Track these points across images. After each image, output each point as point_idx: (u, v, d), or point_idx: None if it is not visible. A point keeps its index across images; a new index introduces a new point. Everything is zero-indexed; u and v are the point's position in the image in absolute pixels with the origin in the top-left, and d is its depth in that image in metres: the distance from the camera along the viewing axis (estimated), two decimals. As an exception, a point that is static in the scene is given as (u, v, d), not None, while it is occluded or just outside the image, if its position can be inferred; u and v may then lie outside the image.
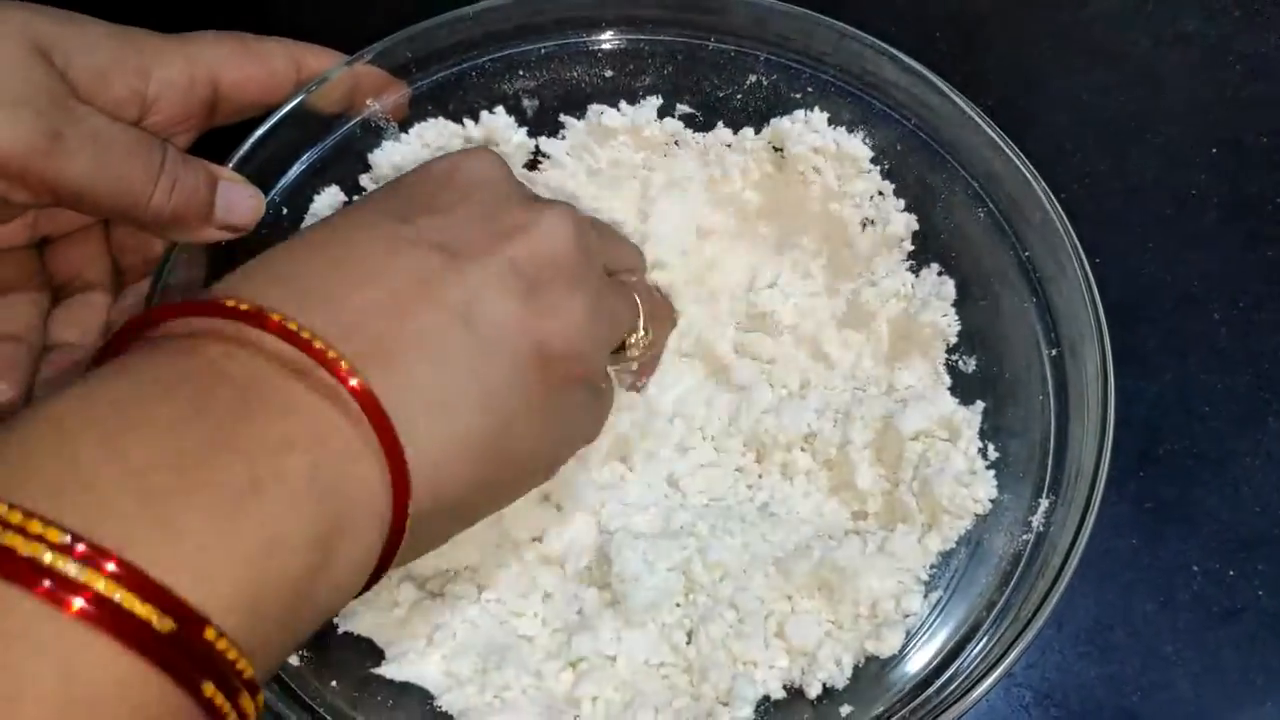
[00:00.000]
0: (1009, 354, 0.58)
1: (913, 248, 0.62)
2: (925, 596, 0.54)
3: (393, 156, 0.62)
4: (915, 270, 0.62)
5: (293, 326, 0.36)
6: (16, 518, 0.29)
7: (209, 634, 0.31)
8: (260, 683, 0.33)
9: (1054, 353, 0.55)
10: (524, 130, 0.64)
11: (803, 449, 0.60)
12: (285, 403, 0.36)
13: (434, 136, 0.63)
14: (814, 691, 0.53)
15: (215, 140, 0.58)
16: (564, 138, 0.65)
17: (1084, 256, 0.54)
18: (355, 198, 0.62)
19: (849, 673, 0.53)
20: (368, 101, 0.61)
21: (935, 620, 0.53)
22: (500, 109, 0.63)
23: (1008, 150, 0.57)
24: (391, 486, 0.37)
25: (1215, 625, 0.61)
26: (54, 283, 0.59)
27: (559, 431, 0.47)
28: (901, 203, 0.61)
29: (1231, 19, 0.77)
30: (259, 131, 0.58)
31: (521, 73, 0.64)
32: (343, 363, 0.36)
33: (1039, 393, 0.55)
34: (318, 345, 0.36)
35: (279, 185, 0.60)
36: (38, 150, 0.47)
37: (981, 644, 0.50)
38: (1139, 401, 0.66)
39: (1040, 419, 0.55)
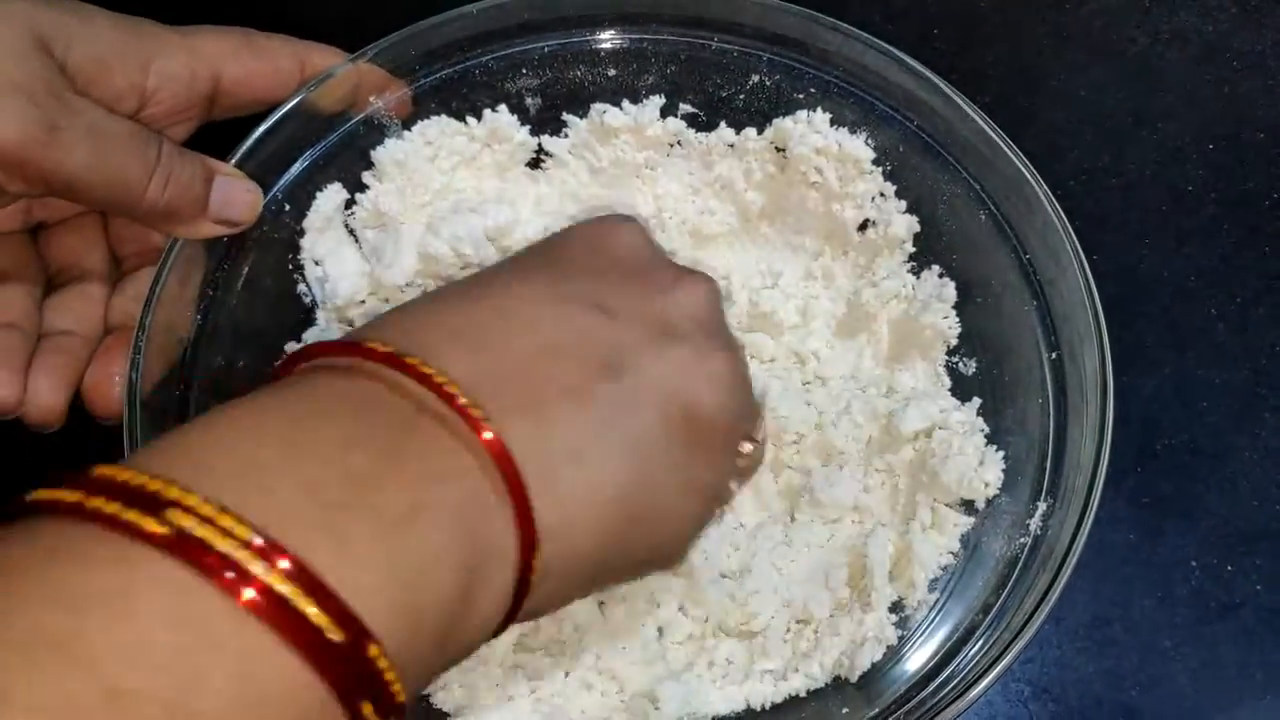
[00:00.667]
0: (1009, 357, 0.57)
1: (914, 249, 0.61)
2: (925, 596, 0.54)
3: (395, 154, 0.61)
4: (916, 272, 0.61)
5: (428, 371, 0.36)
6: (209, 509, 0.29)
7: (373, 651, 0.30)
8: (406, 709, 0.32)
9: (1054, 356, 0.54)
10: (526, 128, 0.63)
11: (798, 449, 0.59)
12: (436, 440, 0.36)
13: (436, 134, 0.62)
14: (813, 688, 0.53)
15: (218, 135, 0.57)
16: (566, 136, 0.64)
17: (1085, 260, 0.53)
18: (359, 195, 0.61)
19: (846, 673, 0.52)
20: (371, 99, 0.61)
21: (933, 621, 0.53)
22: (503, 107, 0.63)
23: (1009, 153, 0.56)
24: (518, 537, 0.37)
25: (1213, 620, 0.60)
26: (49, 270, 0.58)
27: (696, 502, 0.45)
28: (903, 204, 0.60)
29: (1229, 16, 0.76)
30: (262, 127, 0.57)
31: (525, 71, 0.63)
32: (474, 411, 0.36)
33: (1038, 395, 0.54)
34: (452, 392, 0.36)
35: (281, 181, 0.59)
36: (34, 141, 0.47)
37: (978, 646, 0.50)
38: (1136, 397, 0.65)
39: (1039, 422, 0.54)
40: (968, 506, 0.55)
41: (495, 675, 0.53)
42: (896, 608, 0.54)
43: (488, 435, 0.36)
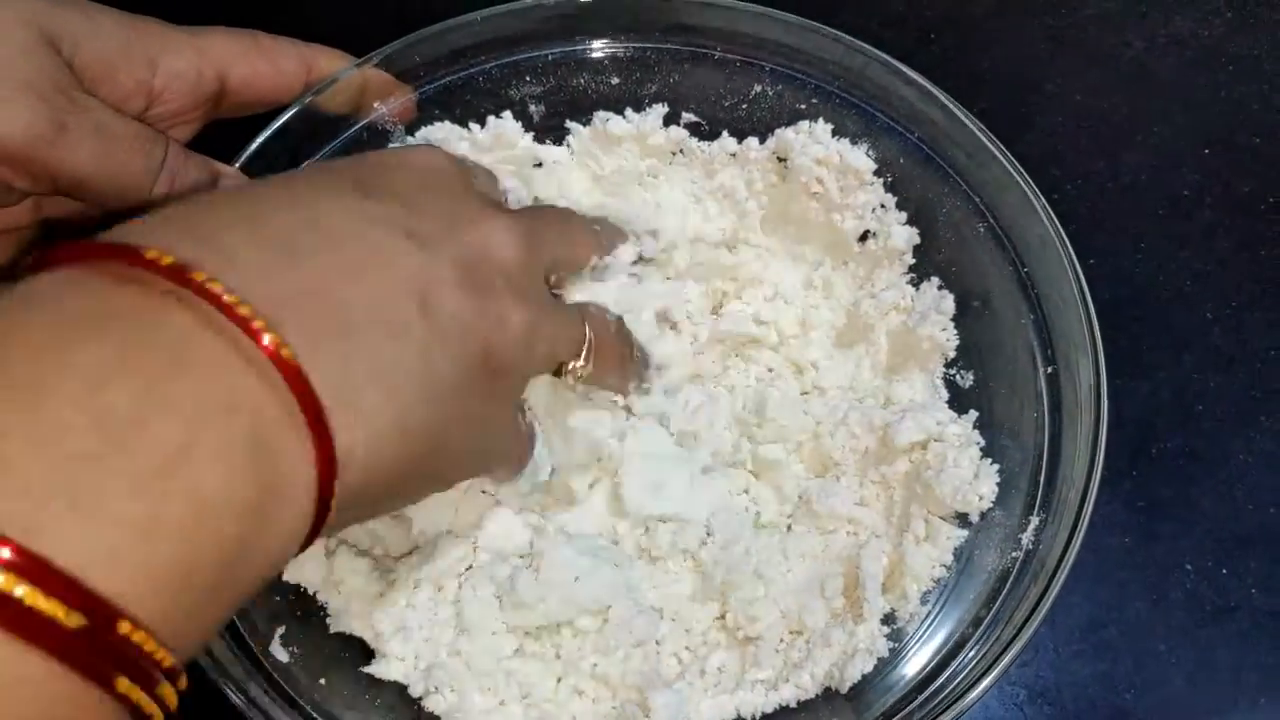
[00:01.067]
0: (1005, 370, 0.56)
1: (913, 261, 0.60)
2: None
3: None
4: (915, 284, 0.60)
5: (215, 288, 0.32)
6: None
7: (123, 627, 0.28)
8: (183, 663, 0.30)
9: (1050, 370, 0.54)
10: (530, 135, 0.63)
11: (799, 459, 0.59)
12: (222, 363, 0.32)
13: (440, 140, 0.61)
14: (804, 699, 0.53)
15: (223, 136, 0.57)
16: (569, 144, 0.63)
17: (1082, 275, 0.53)
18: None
19: (837, 684, 0.52)
20: (375, 104, 0.60)
21: (924, 633, 0.52)
22: (507, 114, 0.62)
23: (1008, 165, 0.56)
24: (317, 468, 0.34)
25: (1208, 623, 0.60)
26: None
27: (485, 441, 0.45)
28: (903, 215, 0.60)
29: (1224, 21, 0.75)
30: (266, 131, 0.57)
31: (528, 78, 0.62)
32: (267, 335, 0.33)
33: (1033, 409, 0.54)
34: (242, 312, 0.32)
35: (285, 186, 0.58)
36: (42, 139, 0.46)
37: (968, 659, 0.49)
38: (1132, 401, 0.65)
39: (1033, 436, 0.54)
40: (961, 519, 0.54)
41: (487, 680, 0.53)
42: (889, 619, 0.53)
43: (284, 353, 0.33)
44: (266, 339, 0.33)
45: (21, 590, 0.26)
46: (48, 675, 0.27)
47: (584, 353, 0.50)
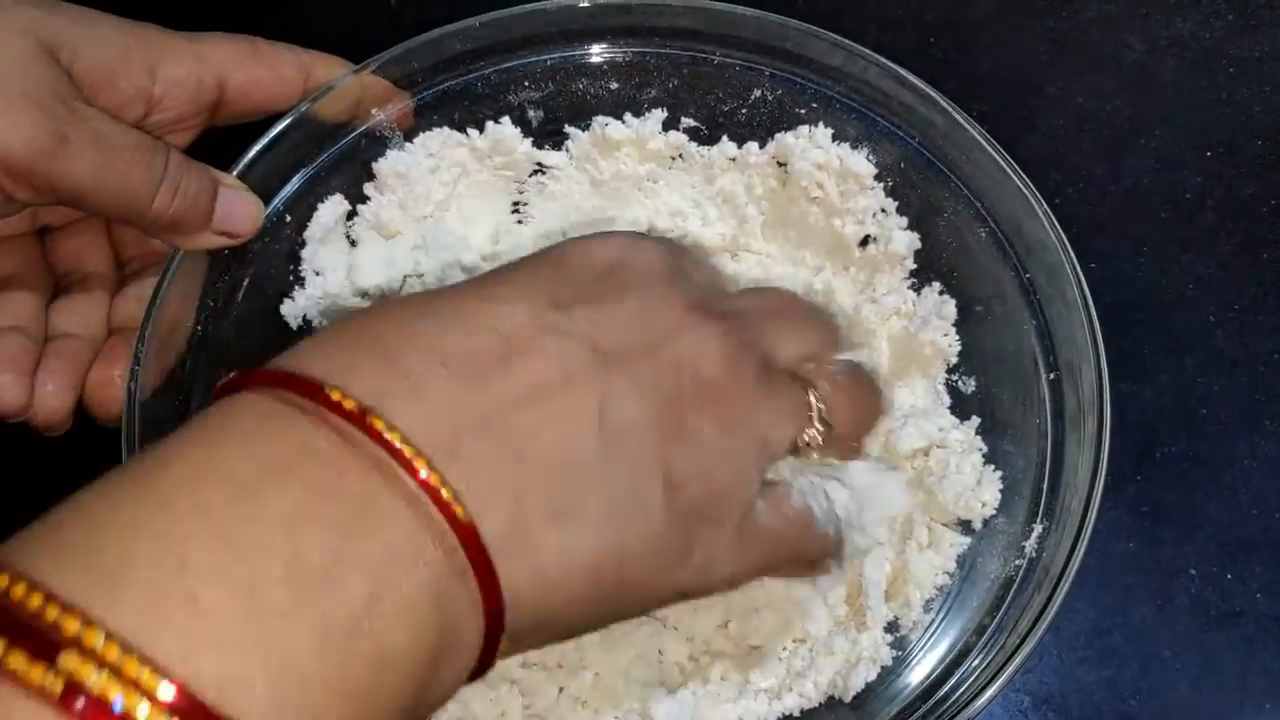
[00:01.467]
0: (1008, 376, 0.56)
1: (914, 266, 0.60)
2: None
3: (397, 165, 0.60)
4: (917, 289, 0.59)
5: (394, 439, 0.32)
6: (113, 653, 0.25)
7: None
8: None
9: (1052, 376, 0.53)
10: (529, 141, 0.62)
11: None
12: (397, 514, 0.31)
13: (439, 146, 0.61)
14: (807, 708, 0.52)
15: (220, 142, 0.56)
16: (568, 149, 0.63)
17: (1084, 281, 0.52)
18: (361, 206, 0.60)
19: (840, 693, 0.52)
20: (373, 110, 0.60)
21: (927, 642, 0.52)
22: (506, 119, 0.61)
23: (1009, 170, 0.55)
24: (484, 614, 0.33)
25: (1213, 628, 0.59)
26: (55, 272, 0.57)
27: (689, 567, 0.39)
28: (904, 220, 0.59)
29: (1225, 23, 0.74)
30: (264, 138, 0.57)
31: (527, 84, 0.62)
32: (445, 490, 0.32)
33: (1036, 416, 0.53)
34: (419, 466, 0.32)
35: (283, 192, 0.58)
36: (42, 151, 0.46)
37: (972, 667, 0.49)
38: (1135, 405, 0.64)
39: (1036, 443, 0.53)
40: (964, 526, 0.54)
41: (489, 690, 0.52)
42: (892, 627, 0.53)
43: (458, 511, 0.32)
44: (443, 493, 0.32)
45: None
46: None
47: (815, 421, 0.43)
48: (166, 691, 0.25)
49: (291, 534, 0.29)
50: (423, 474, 0.31)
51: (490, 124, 0.61)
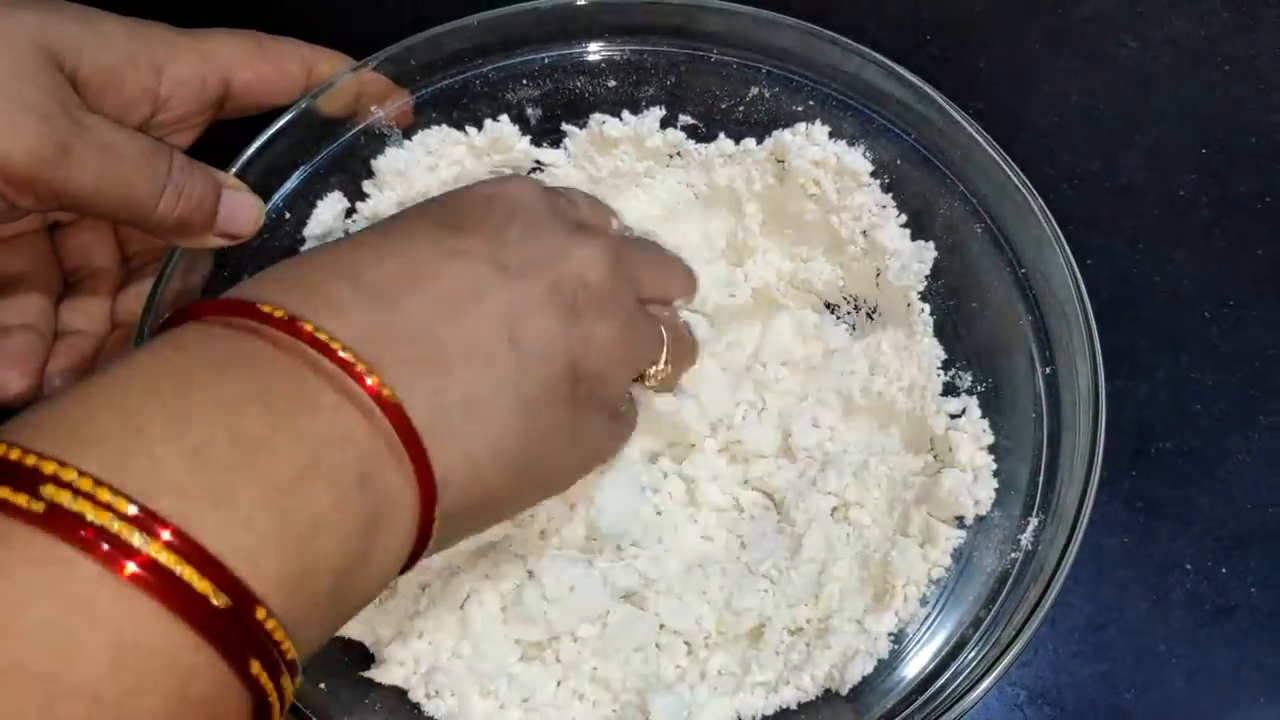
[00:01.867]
0: (1003, 371, 0.55)
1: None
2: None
3: (396, 163, 0.60)
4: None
5: (323, 337, 0.36)
6: (86, 484, 0.29)
7: (259, 614, 0.31)
8: (300, 664, 0.33)
9: (1047, 371, 0.53)
10: (527, 138, 0.62)
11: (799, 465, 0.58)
12: (329, 401, 0.36)
13: (437, 143, 0.61)
14: (804, 700, 0.52)
15: (220, 138, 0.56)
16: (566, 146, 0.63)
17: (1080, 276, 0.52)
18: (360, 204, 0.61)
19: (837, 685, 0.52)
20: (372, 108, 0.60)
21: (924, 635, 0.52)
22: (504, 117, 0.61)
23: (1005, 167, 0.55)
24: (419, 493, 0.37)
25: (1208, 623, 0.59)
26: (64, 268, 0.58)
27: (580, 449, 0.47)
28: (902, 217, 0.59)
29: (1220, 21, 0.74)
30: (264, 136, 0.57)
31: (525, 81, 0.62)
32: (368, 373, 0.36)
33: (1031, 410, 0.53)
34: (346, 357, 0.36)
35: (282, 190, 0.58)
36: (45, 160, 0.46)
37: (968, 660, 0.49)
38: (1130, 400, 0.64)
39: (1032, 437, 0.53)
40: (960, 520, 0.54)
41: (488, 684, 0.52)
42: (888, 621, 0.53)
43: (385, 393, 0.36)
44: (369, 380, 0.36)
45: (180, 569, 0.29)
46: (194, 649, 0.29)
47: (664, 357, 0.53)
48: (132, 509, 0.29)
49: (232, 412, 0.33)
50: (350, 362, 0.36)
51: (489, 122, 0.61)
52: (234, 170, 0.55)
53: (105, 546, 0.28)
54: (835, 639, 0.52)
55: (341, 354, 0.36)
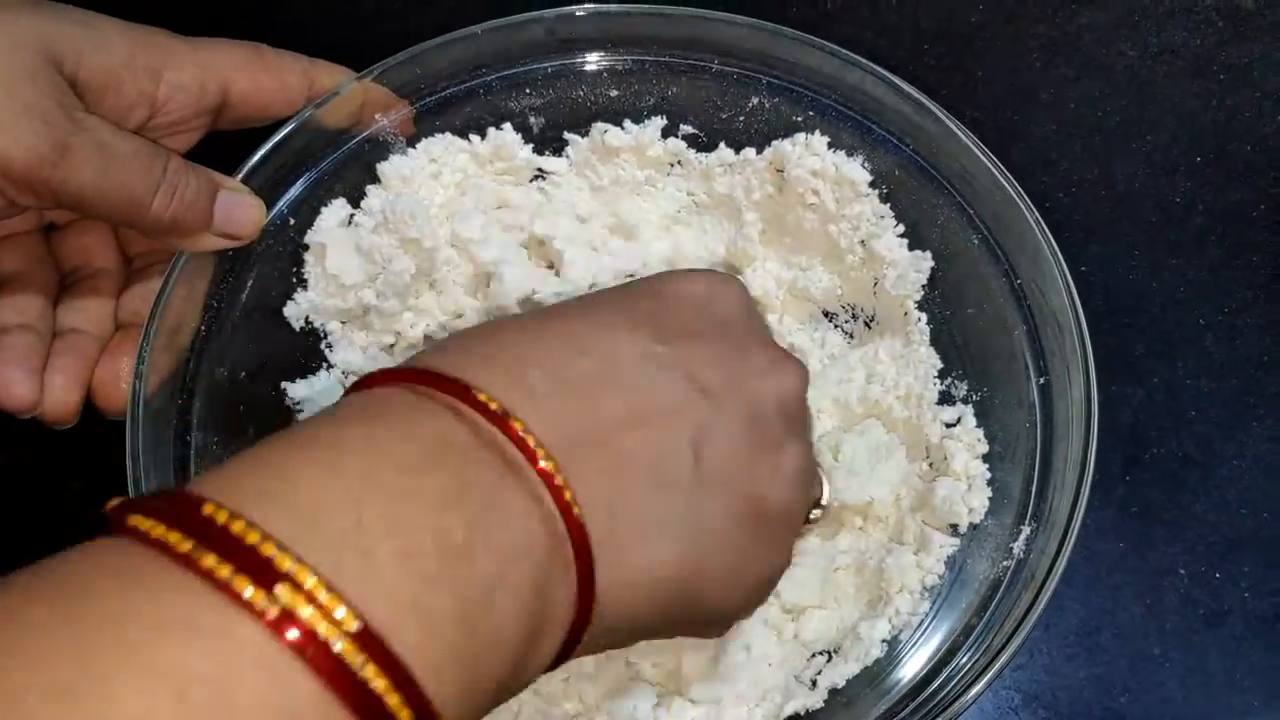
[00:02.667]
0: (997, 380, 0.56)
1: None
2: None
3: (400, 171, 0.60)
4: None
5: (530, 441, 0.34)
6: (319, 590, 0.28)
7: None
8: None
9: (1041, 380, 0.53)
10: (529, 147, 0.62)
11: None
12: (523, 509, 0.34)
13: (441, 151, 0.61)
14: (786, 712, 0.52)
15: (226, 146, 0.56)
16: (568, 155, 0.63)
17: (1074, 287, 0.52)
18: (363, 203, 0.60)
19: (823, 696, 0.52)
20: (376, 116, 0.60)
21: (916, 641, 0.52)
22: (507, 125, 0.62)
23: (1001, 177, 0.55)
24: (576, 607, 0.35)
25: (1202, 627, 0.59)
26: (61, 269, 0.58)
27: (746, 591, 0.43)
28: (900, 227, 0.59)
29: (1217, 30, 0.74)
30: (268, 143, 0.57)
31: (528, 91, 0.62)
32: (566, 492, 0.34)
33: (1025, 419, 0.53)
34: (547, 467, 0.34)
35: (286, 196, 0.58)
36: (44, 161, 0.46)
37: (959, 666, 0.49)
38: (1126, 406, 0.64)
39: (1025, 446, 0.53)
40: (953, 528, 0.54)
41: None
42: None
43: (576, 511, 0.35)
44: (566, 495, 0.34)
45: (388, 696, 0.28)
46: None
47: (824, 496, 0.50)
48: (353, 625, 0.28)
49: (440, 513, 0.32)
50: (550, 472, 0.34)
51: (491, 130, 0.61)
52: (239, 176, 0.55)
53: (326, 664, 0.27)
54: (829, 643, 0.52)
55: (543, 463, 0.34)
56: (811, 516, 0.50)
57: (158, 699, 0.25)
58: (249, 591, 0.27)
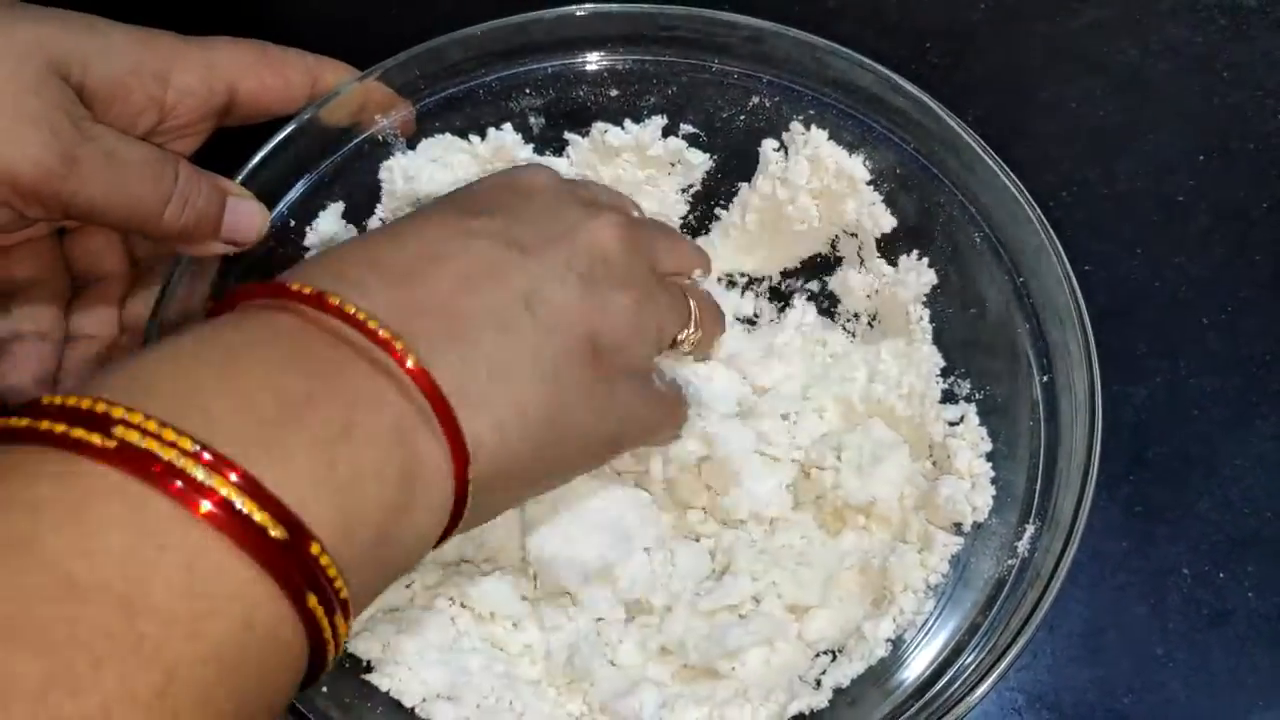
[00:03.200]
0: (1001, 378, 0.55)
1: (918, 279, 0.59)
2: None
3: (401, 171, 0.60)
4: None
5: (350, 309, 0.37)
6: (152, 425, 0.31)
7: (314, 548, 0.32)
8: (352, 610, 0.34)
9: (1045, 379, 0.53)
10: (530, 147, 0.62)
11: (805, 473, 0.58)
12: (362, 371, 0.37)
13: (441, 152, 0.61)
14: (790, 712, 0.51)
15: (226, 145, 0.56)
16: (569, 155, 0.63)
17: (1076, 285, 0.52)
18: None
19: (828, 696, 0.51)
20: (377, 117, 0.59)
21: (920, 641, 0.51)
22: (507, 126, 0.61)
23: (1003, 175, 0.55)
24: (452, 457, 0.38)
25: (1205, 627, 0.59)
26: (73, 273, 0.57)
27: (613, 415, 0.46)
28: (897, 222, 0.59)
29: (1218, 28, 0.74)
30: (269, 144, 0.56)
31: (528, 90, 0.61)
32: (395, 342, 0.37)
33: (1029, 418, 0.53)
34: (373, 326, 0.37)
35: (287, 198, 0.58)
36: (52, 173, 0.46)
37: (965, 666, 0.48)
38: (1129, 405, 0.64)
39: (1029, 444, 0.52)
40: (957, 527, 0.53)
41: (488, 698, 0.52)
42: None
43: (409, 363, 0.37)
44: (397, 347, 0.37)
45: (241, 502, 0.31)
46: (255, 579, 0.31)
47: (693, 323, 0.53)
48: (196, 447, 0.31)
49: (276, 373, 0.35)
50: (379, 331, 0.37)
51: (492, 130, 0.61)
52: (239, 178, 0.55)
53: (177, 484, 0.30)
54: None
55: (369, 324, 0.37)
56: (680, 338, 0.52)
57: (18, 521, 0.29)
58: (86, 436, 0.30)
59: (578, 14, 0.60)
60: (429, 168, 0.60)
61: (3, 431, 0.31)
